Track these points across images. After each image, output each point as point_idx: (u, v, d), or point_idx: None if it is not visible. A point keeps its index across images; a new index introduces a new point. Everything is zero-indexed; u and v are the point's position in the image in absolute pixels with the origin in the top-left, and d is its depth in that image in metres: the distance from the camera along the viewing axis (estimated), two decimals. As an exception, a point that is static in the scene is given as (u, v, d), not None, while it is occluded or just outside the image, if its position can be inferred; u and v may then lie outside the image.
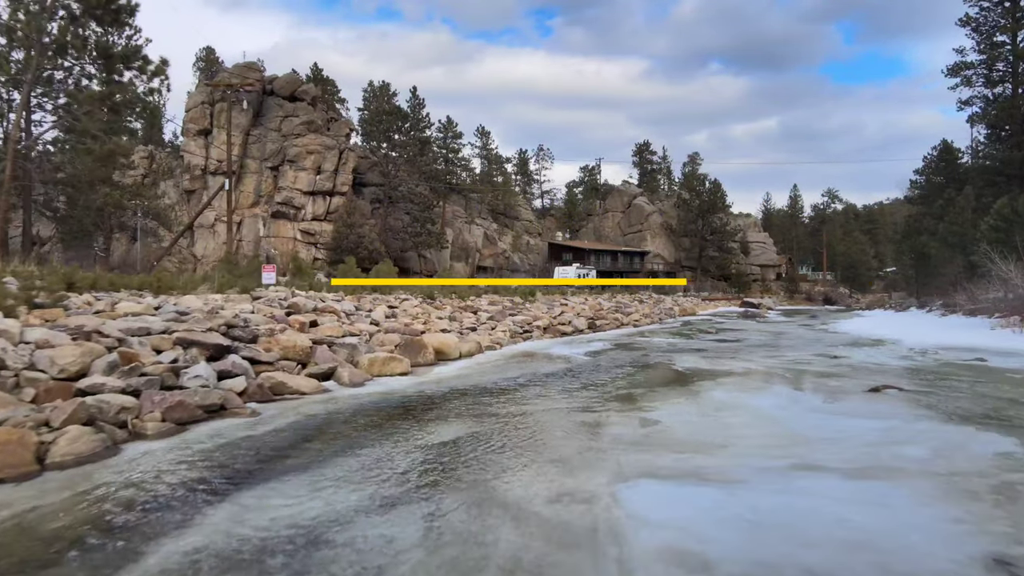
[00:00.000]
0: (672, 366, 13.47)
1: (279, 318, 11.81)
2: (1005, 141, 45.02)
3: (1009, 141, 44.71)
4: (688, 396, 9.60)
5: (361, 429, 7.35)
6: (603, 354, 16.18)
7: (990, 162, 45.88)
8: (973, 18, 45.60)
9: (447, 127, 62.25)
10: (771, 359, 14.93)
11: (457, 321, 18.82)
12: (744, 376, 11.87)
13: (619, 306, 34.88)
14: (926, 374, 12.05)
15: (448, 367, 13.05)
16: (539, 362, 14.22)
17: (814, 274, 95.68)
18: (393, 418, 7.97)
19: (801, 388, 10.33)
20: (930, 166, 54.41)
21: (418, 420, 7.83)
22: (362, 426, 7.50)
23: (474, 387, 10.45)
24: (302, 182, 48.39)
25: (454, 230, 61.59)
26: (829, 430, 7.20)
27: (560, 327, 22.82)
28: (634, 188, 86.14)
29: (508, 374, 12.10)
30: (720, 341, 20.84)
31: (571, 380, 11.35)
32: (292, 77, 51.60)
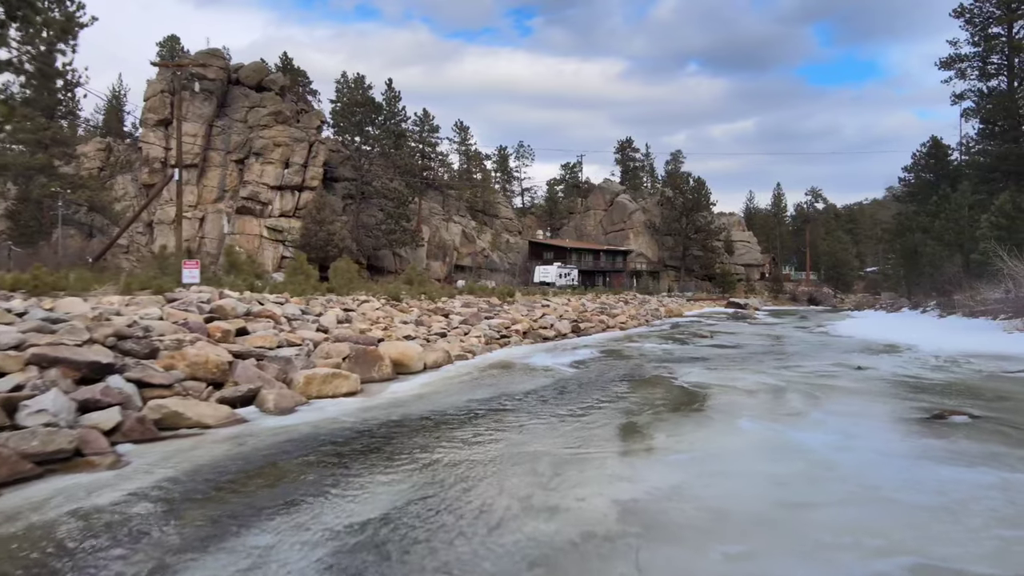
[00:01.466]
0: (675, 381, 11.35)
1: (194, 325, 9.53)
2: (1000, 136, 43.59)
3: (1004, 136, 43.30)
4: (707, 429, 7.46)
5: (258, 491, 5.12)
6: (591, 364, 14.03)
7: (984, 158, 44.44)
8: (967, 9, 44.13)
9: (423, 120, 59.86)
10: (786, 371, 12.87)
11: (424, 326, 16.58)
12: (766, 395, 9.78)
13: (604, 307, 32.83)
14: (981, 392, 10.04)
15: (407, 383, 10.84)
16: (517, 376, 12.04)
17: (797, 274, 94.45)
18: (312, 469, 5.74)
19: (845, 414, 8.25)
20: (919, 163, 52.99)
21: (346, 475, 5.61)
22: (261, 486, 5.27)
23: (433, 415, 8.24)
24: (269, 176, 45.85)
25: (431, 228, 59.25)
26: (926, 489, 5.08)
27: (541, 331, 20.67)
28: (616, 186, 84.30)
29: (478, 394, 9.89)
30: (719, 347, 18.79)
31: (555, 403, 9.17)
32: (258, 66, 49.00)
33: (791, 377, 11.84)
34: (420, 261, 55.98)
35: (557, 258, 66.41)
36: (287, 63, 56.68)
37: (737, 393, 9.93)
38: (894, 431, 7.27)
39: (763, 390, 10.26)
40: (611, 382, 11.20)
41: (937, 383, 11.07)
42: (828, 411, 8.42)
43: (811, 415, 8.16)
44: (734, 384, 10.83)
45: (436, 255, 58.92)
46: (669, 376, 11.97)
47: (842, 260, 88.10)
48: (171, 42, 57.51)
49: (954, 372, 12.59)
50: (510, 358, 14.92)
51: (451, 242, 61.15)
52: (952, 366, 13.52)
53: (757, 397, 9.59)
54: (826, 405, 8.88)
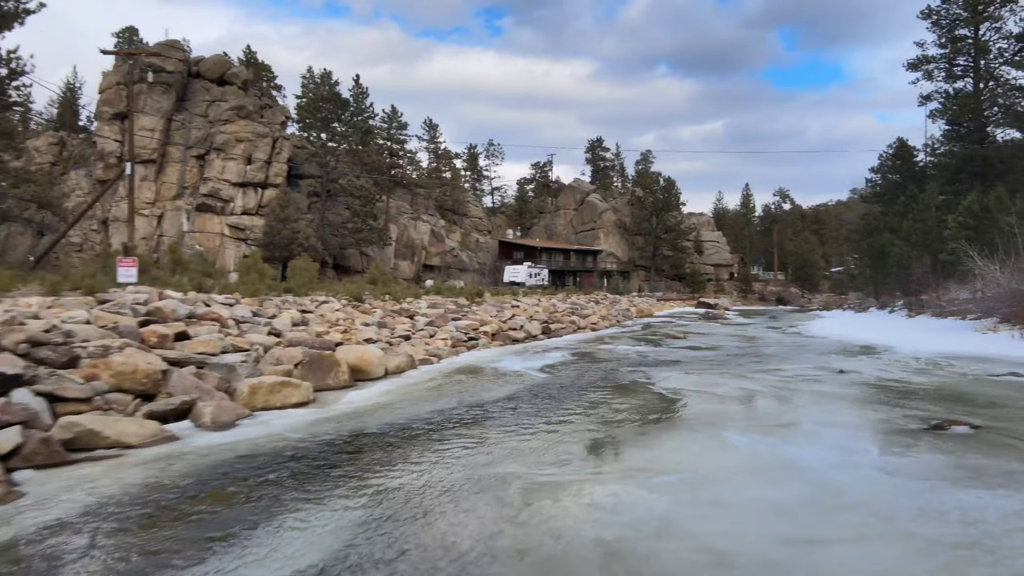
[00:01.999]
0: (652, 387, 10.68)
1: (126, 330, 8.59)
2: (965, 138, 44.00)
3: (970, 138, 43.71)
4: (693, 443, 6.78)
5: (173, 530, 4.29)
6: (563, 368, 13.33)
7: (950, 159, 44.80)
8: (934, 11, 44.44)
9: (391, 117, 58.73)
10: (767, 375, 12.31)
11: (387, 328, 15.73)
12: (750, 403, 9.15)
13: (575, 308, 32.20)
14: (973, 399, 9.53)
15: (366, 391, 10.02)
16: (484, 382, 11.28)
17: (766, 274, 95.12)
18: (242, 500, 4.93)
19: (839, 425, 7.64)
20: (886, 164, 53.37)
21: (282, 508, 4.79)
22: (178, 523, 4.43)
23: (390, 429, 7.45)
24: (231, 172, 44.38)
25: (399, 227, 58.13)
26: (949, 519, 4.45)
27: (511, 333, 19.92)
28: (587, 185, 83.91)
29: (441, 403, 9.11)
30: (694, 349, 18.24)
31: (526, 413, 8.43)
32: (220, 59, 47.47)
33: (773, 382, 11.26)
34: (388, 260, 54.90)
35: (527, 258, 65.75)
36: (251, 57, 55.15)
37: (719, 400, 9.29)
38: (894, 444, 6.66)
39: (746, 397, 9.64)
40: (585, 389, 10.50)
41: (924, 388, 10.57)
42: (820, 421, 7.81)
43: (803, 426, 7.54)
44: (715, 390, 10.20)
45: (404, 254, 57.86)
46: (646, 381, 11.30)
47: (809, 260, 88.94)
48: (128, 33, 55.57)
49: (938, 376, 12.14)
50: (478, 362, 14.16)
51: (420, 241, 60.10)
52: (935, 369, 13.09)
53: (741, 405, 8.96)
54: (816, 414, 8.27)
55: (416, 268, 58.15)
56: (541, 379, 11.70)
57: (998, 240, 26.40)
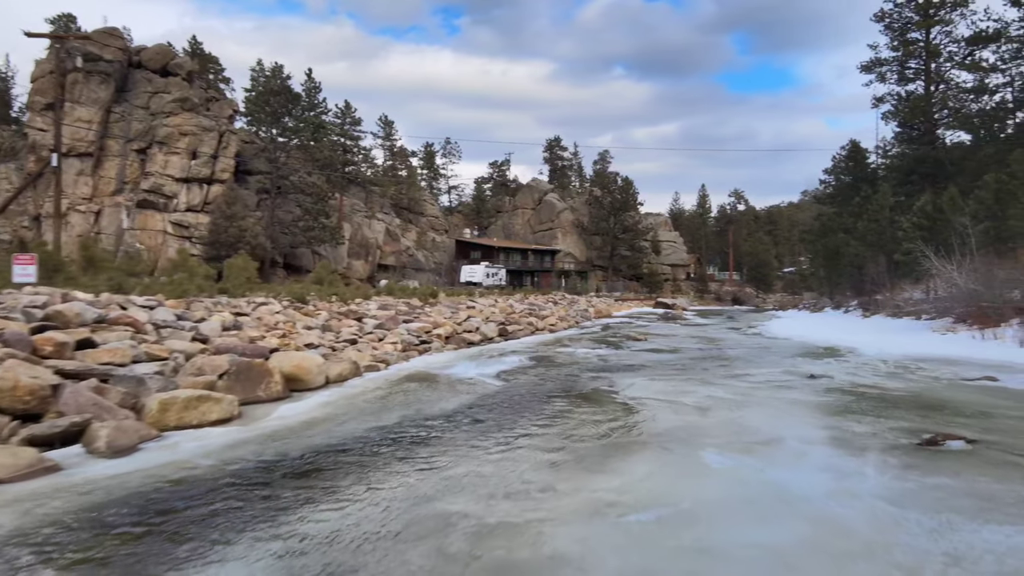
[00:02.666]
0: (615, 396, 9.86)
1: (13, 337, 7.39)
2: (917, 140, 44.56)
3: (921, 140, 44.28)
4: (667, 467, 5.95)
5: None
6: (520, 375, 12.44)
7: (902, 161, 45.33)
8: (887, 13, 44.92)
9: (345, 113, 57.16)
10: (735, 380, 11.61)
11: (332, 332, 14.64)
12: (724, 414, 8.38)
13: (532, 308, 31.40)
14: (957, 407, 8.94)
15: (301, 403, 8.98)
16: (434, 391, 10.32)
17: (721, 274, 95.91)
18: (118, 557, 3.90)
19: (824, 441, 6.90)
20: (839, 166, 53.93)
21: (164, 569, 3.78)
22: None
23: (320, 452, 6.45)
24: (174, 167, 42.37)
25: (352, 225, 56.58)
26: (986, 571, 3.66)
27: (466, 335, 19.00)
28: (545, 184, 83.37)
29: (384, 418, 8.13)
30: (656, 352, 17.54)
31: (477, 430, 7.51)
32: (163, 49, 45.41)
33: (743, 389, 10.55)
34: (341, 260, 53.40)
35: (484, 257, 64.82)
36: (196, 47, 53.02)
37: (690, 412, 8.50)
38: (891, 465, 5.93)
39: (718, 406, 8.88)
40: (544, 399, 9.62)
41: (902, 395, 9.97)
42: (803, 436, 7.06)
43: (786, 442, 6.77)
44: (684, 399, 9.42)
45: (358, 254, 56.36)
46: (609, 389, 10.48)
47: (763, 260, 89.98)
48: (65, 20, 52.87)
49: (911, 380, 11.60)
50: (429, 368, 13.18)
51: (374, 240, 58.64)
52: (905, 373, 12.58)
53: (714, 417, 8.18)
54: (797, 427, 7.54)
55: (370, 268, 56.74)
56: (496, 387, 10.79)
57: (953, 240, 26.44)
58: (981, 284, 22.88)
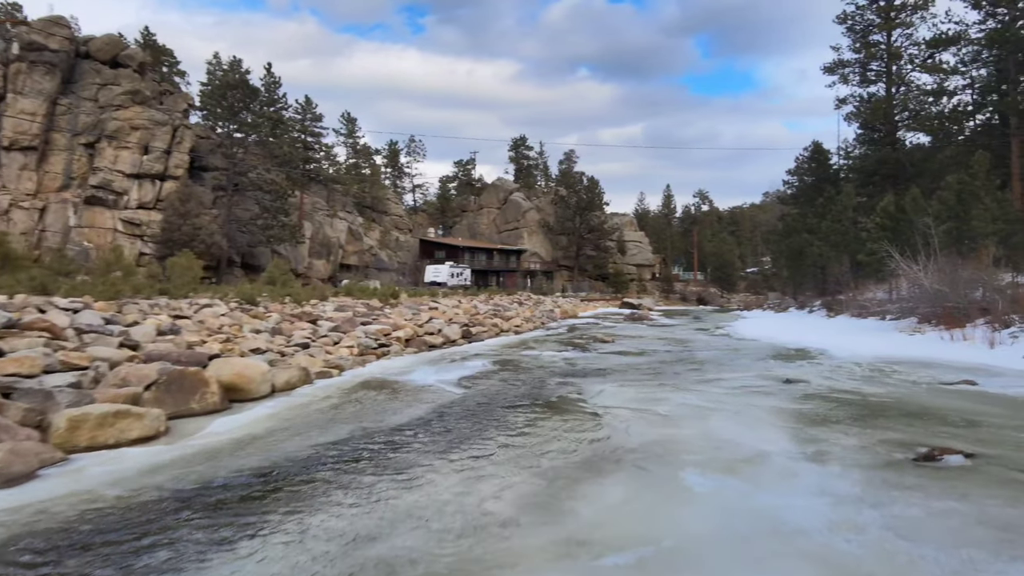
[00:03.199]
0: (584, 405, 9.20)
1: None
2: (879, 141, 44.93)
3: (882, 141, 44.66)
4: (645, 490, 5.29)
5: None
6: (482, 381, 11.71)
7: (864, 162, 45.66)
8: (849, 15, 45.21)
9: (305, 108, 55.73)
10: (709, 386, 11.04)
11: (283, 335, 13.74)
12: (701, 426, 7.76)
13: (497, 309, 30.69)
14: (943, 415, 8.45)
15: (240, 416, 8.14)
16: (390, 401, 9.54)
17: (686, 274, 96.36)
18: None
19: (812, 456, 6.30)
20: (802, 167, 54.27)
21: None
22: None
23: (252, 476, 5.65)
24: (124, 162, 40.67)
25: (314, 224, 55.19)
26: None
27: (427, 338, 18.20)
28: (510, 183, 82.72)
29: (331, 433, 7.34)
30: (624, 355, 16.95)
31: (433, 447, 6.77)
32: (113, 39, 43.57)
33: (718, 396, 9.96)
34: (302, 259, 52.07)
35: (449, 257, 63.92)
36: (149, 39, 51.12)
37: (665, 423, 7.87)
38: (890, 486, 5.34)
39: (694, 416, 8.26)
40: (507, 409, 8.90)
41: (884, 401, 9.48)
42: (788, 452, 6.46)
43: (771, 459, 6.16)
44: (657, 408, 8.79)
45: (319, 253, 55.00)
46: (577, 397, 9.81)
47: (727, 261, 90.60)
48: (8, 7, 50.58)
49: (890, 385, 11.15)
50: (387, 374, 12.38)
51: (336, 239, 57.31)
52: (882, 376, 12.15)
53: (691, 428, 7.55)
54: (781, 441, 6.94)
55: (332, 267, 55.44)
56: (457, 396, 10.04)
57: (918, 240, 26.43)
58: (946, 284, 22.81)
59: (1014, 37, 35.02)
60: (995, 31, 35.80)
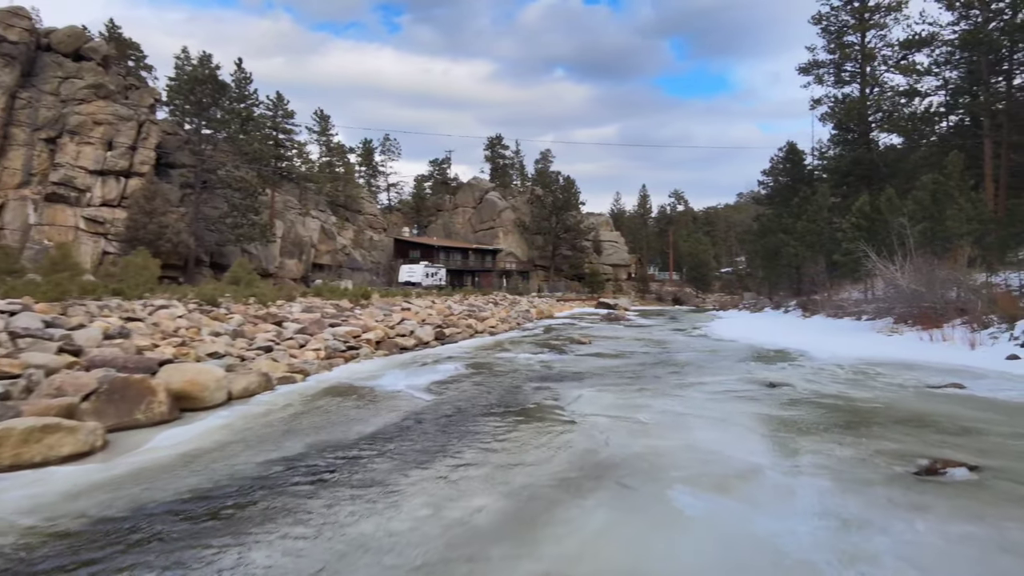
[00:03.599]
0: (561, 412, 8.68)
1: None
2: (853, 142, 45.03)
3: (857, 142, 44.77)
4: (630, 515, 4.77)
5: None
6: (454, 386, 11.14)
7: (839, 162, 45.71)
8: (824, 16, 45.24)
9: (277, 104, 54.63)
10: (691, 390, 10.59)
11: (245, 338, 13.04)
12: (686, 436, 7.28)
13: (472, 310, 30.11)
14: (933, 420, 8.06)
15: (188, 428, 7.50)
16: (353, 409, 8.94)
17: (662, 274, 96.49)
18: None
19: (809, 470, 5.83)
20: (777, 167, 54.36)
21: None
22: None
23: (190, 500, 5.04)
24: (87, 158, 39.41)
25: (285, 223, 54.13)
26: None
27: (399, 340, 17.58)
28: (486, 183, 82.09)
29: (287, 447, 6.73)
30: (601, 357, 16.48)
31: (396, 464, 6.20)
32: (75, 31, 42.24)
33: (701, 401, 9.51)
34: (273, 259, 51.03)
35: (424, 257, 63.16)
36: (113, 31, 49.71)
37: (648, 432, 7.37)
38: (896, 505, 4.89)
39: (678, 425, 7.78)
40: (479, 417, 8.35)
41: (873, 407, 9.08)
42: (782, 466, 5.99)
43: (765, 475, 5.68)
44: (638, 416, 8.30)
45: (292, 252, 53.95)
46: (554, 404, 9.29)
47: (702, 261, 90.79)
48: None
49: (876, 388, 10.78)
50: (354, 378, 11.76)
51: (308, 239, 56.28)
52: (866, 379, 11.80)
53: (676, 438, 7.06)
54: (773, 453, 6.47)
55: (304, 267, 54.45)
56: (426, 403, 9.47)
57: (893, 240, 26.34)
58: (923, 284, 22.70)
59: (987, 38, 35.19)
60: (968, 32, 35.94)
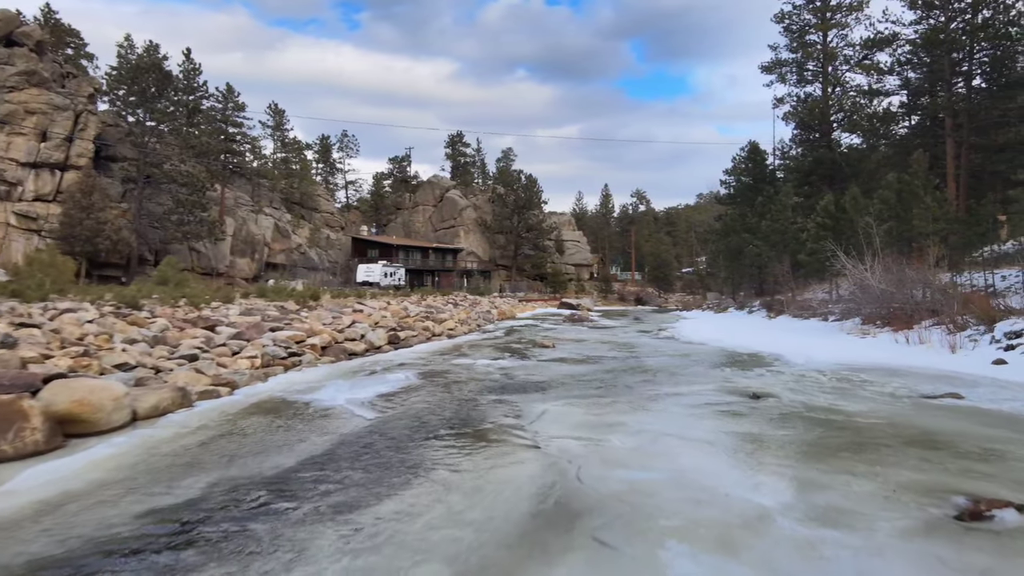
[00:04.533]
0: (522, 434, 7.48)
1: None
2: (816, 142, 44.88)
3: (819, 141, 44.62)
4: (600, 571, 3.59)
5: None
6: (403, 400, 9.87)
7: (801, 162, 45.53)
8: (786, 15, 45.00)
9: (227, 97, 52.43)
10: (667, 402, 9.50)
11: (167, 346, 11.57)
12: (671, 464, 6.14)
13: (430, 311, 28.76)
14: (946, 439, 7.08)
15: (68, 460, 6.15)
16: (278, 432, 7.61)
17: (624, 274, 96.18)
18: None
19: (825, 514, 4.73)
20: (739, 167, 54.09)
21: None
22: None
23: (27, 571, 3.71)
24: (18, 150, 37.05)
25: (236, 220, 52.01)
26: None
27: (348, 345, 16.22)
28: (447, 180, 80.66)
29: (180, 489, 5.40)
30: (566, 362, 15.34)
31: (314, 513, 4.92)
32: (6, 14, 39.68)
33: (681, 417, 8.42)
34: (223, 257, 48.93)
35: (383, 256, 61.49)
36: (50, 16, 47.04)
37: (625, 462, 6.21)
38: (952, 568, 3.81)
39: (660, 451, 6.65)
40: (425, 442, 7.11)
41: (872, 423, 8.09)
42: (793, 507, 4.88)
43: (775, 522, 4.56)
44: (612, 438, 7.15)
45: (243, 251, 51.85)
46: (514, 423, 8.08)
47: (664, 261, 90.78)
48: None
49: (867, 399, 9.82)
50: (289, 391, 10.41)
51: (261, 237, 54.20)
52: (854, 388, 10.86)
53: (660, 470, 5.92)
54: (777, 488, 5.36)
55: (257, 266, 52.40)
56: (368, 421, 8.19)
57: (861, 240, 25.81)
58: (892, 284, 22.13)
59: (948, 38, 35.12)
60: (930, 31, 35.85)
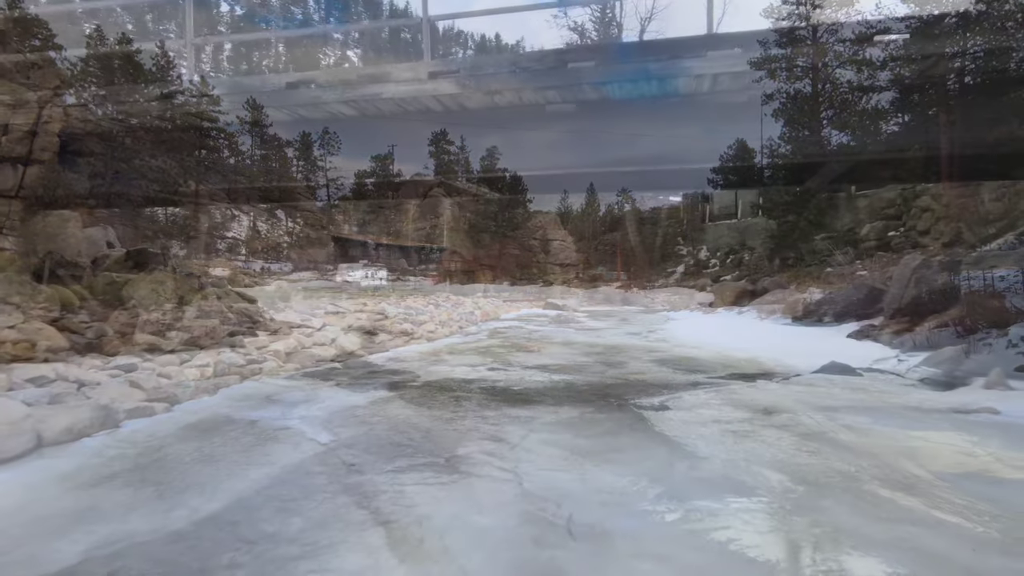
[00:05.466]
0: (502, 468, 6.24)
1: None
2: (805, 140, 44.09)
3: (808, 140, 43.84)
4: None
5: None
6: (366, 416, 8.59)
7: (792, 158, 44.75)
8: (776, 9, 44.13)
9: (201, 87, 50.73)
10: (671, 424, 8.30)
11: (102, 354, 10.20)
12: (694, 527, 4.92)
13: (409, 312, 27.45)
14: (1017, 472, 5.91)
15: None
16: (211, 462, 6.32)
17: (610, 273, 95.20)
18: None
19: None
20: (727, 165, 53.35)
21: None
22: None
23: None
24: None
25: (211, 218, 50.40)
26: None
27: (315, 350, 14.92)
28: (431, 179, 79.30)
29: (51, 553, 4.09)
30: (552, 370, 14.03)
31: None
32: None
33: (692, 442, 7.21)
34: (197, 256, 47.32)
35: (364, 255, 60.10)
36: (14, 5, 45.14)
37: (630, 510, 4.98)
38: None
39: (672, 494, 5.42)
40: (384, 477, 5.83)
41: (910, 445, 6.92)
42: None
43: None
44: (610, 476, 5.92)
45: (217, 250, 50.27)
46: (492, 451, 6.82)
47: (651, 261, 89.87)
48: None
49: (893, 414, 8.66)
50: (239, 405, 9.09)
51: (237, 235, 52.63)
52: (873, 400, 9.71)
53: (683, 537, 4.69)
54: (855, 569, 4.15)
55: (232, 266, 50.84)
56: (321, 448, 6.91)
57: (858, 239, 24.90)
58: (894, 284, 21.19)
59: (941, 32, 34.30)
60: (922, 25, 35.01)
